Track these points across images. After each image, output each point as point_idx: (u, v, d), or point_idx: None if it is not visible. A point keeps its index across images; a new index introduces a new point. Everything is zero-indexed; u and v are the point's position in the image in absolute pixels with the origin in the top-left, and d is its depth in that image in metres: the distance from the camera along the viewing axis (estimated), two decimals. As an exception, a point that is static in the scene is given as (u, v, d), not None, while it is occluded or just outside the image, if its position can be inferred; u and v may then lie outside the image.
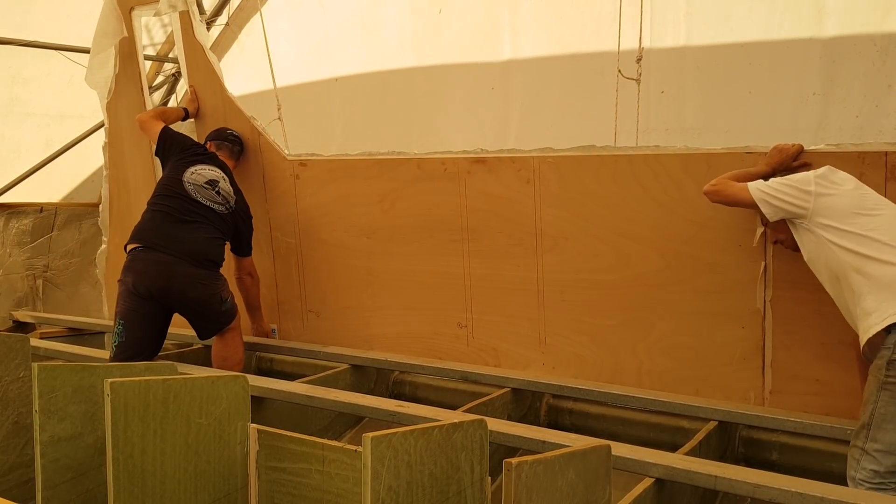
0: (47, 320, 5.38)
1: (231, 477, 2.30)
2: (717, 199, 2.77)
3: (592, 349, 3.41)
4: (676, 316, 3.18)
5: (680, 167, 3.07)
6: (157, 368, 2.69)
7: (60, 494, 2.28)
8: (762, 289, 2.98)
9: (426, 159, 3.70)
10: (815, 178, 2.55)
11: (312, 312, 4.25)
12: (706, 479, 2.35)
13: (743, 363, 3.08)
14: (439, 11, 5.34)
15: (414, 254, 3.82)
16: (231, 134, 4.26)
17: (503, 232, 3.55)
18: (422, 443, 1.83)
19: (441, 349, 3.83)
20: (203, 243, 3.74)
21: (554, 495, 1.76)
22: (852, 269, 2.43)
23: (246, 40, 6.51)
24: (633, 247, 3.24)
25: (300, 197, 4.16)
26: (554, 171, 3.36)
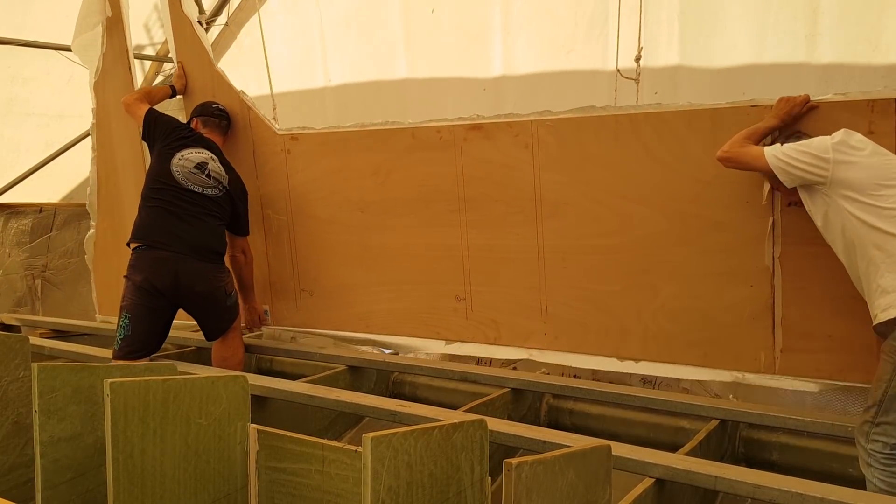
0: (33, 322, 5.34)
1: (231, 477, 2.30)
2: (731, 165, 2.70)
3: (596, 316, 3.33)
4: (682, 278, 3.12)
5: (683, 124, 3.00)
6: (157, 368, 2.69)
7: (60, 494, 2.28)
8: (770, 245, 2.92)
9: (421, 128, 3.60)
10: (832, 144, 2.48)
11: (306, 292, 4.16)
12: (706, 479, 2.35)
13: (752, 323, 3.01)
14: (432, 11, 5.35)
15: (410, 226, 3.74)
16: (216, 108, 4.16)
17: (501, 200, 3.46)
18: (422, 443, 1.83)
19: (439, 324, 3.77)
20: (203, 235, 3.72)
21: (554, 495, 1.76)
22: (872, 245, 2.38)
23: (245, 40, 6.52)
24: (635, 209, 3.17)
25: (292, 172, 4.06)
26: (552, 135, 3.27)
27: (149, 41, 6.73)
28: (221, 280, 3.75)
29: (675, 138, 3.02)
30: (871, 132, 2.62)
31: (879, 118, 2.65)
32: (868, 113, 2.66)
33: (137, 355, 3.57)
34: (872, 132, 2.62)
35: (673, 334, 3.17)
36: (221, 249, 3.83)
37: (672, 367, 3.21)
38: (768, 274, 2.93)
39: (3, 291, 5.94)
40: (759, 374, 3.05)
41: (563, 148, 3.26)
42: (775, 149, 2.56)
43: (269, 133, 4.08)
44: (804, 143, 2.52)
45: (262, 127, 4.10)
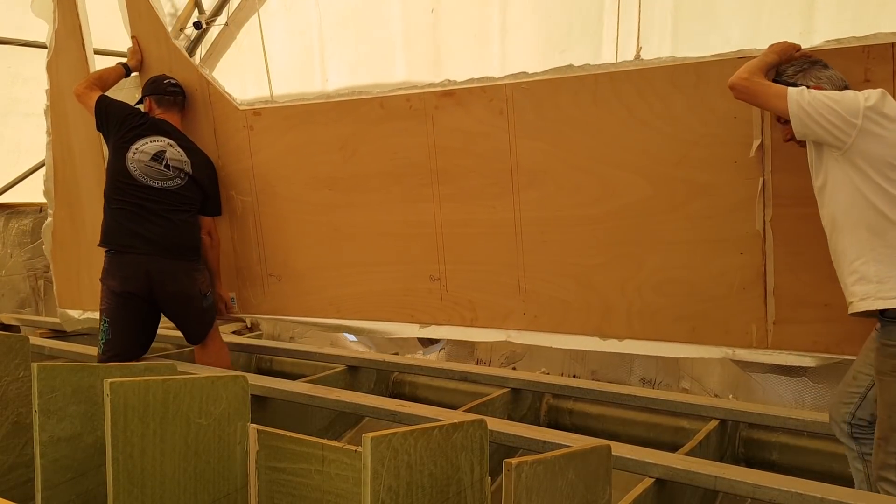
0: (33, 322, 5.33)
1: (231, 477, 2.30)
2: (744, 96, 2.39)
3: (577, 292, 3.14)
4: (668, 248, 2.93)
5: (667, 81, 2.80)
6: (157, 368, 2.69)
7: (60, 495, 2.28)
8: (761, 208, 2.73)
9: (389, 97, 3.37)
10: (864, 108, 2.17)
11: (273, 276, 3.93)
12: (706, 479, 2.35)
13: (743, 293, 2.82)
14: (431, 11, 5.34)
15: (380, 203, 3.52)
16: (169, 83, 3.86)
17: (476, 171, 3.26)
18: (422, 443, 1.83)
19: (414, 306, 3.57)
20: (171, 232, 3.56)
21: (554, 495, 1.76)
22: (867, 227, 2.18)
23: (244, 41, 6.52)
24: (618, 175, 2.97)
25: (255, 150, 3.81)
26: (529, 99, 3.06)
27: (149, 41, 6.72)
28: (195, 279, 3.63)
29: (657, 97, 2.83)
30: (867, 80, 2.47)
31: (876, 64, 2.46)
32: (864, 59, 2.47)
33: (120, 359, 3.45)
34: (869, 80, 2.46)
35: (659, 309, 2.98)
36: (194, 244, 3.67)
37: (658, 344, 3.02)
38: (759, 239, 2.75)
39: (6, 293, 5.93)
40: (751, 349, 2.87)
41: (539, 112, 3.06)
42: (801, 93, 2.24)
43: (231, 108, 3.83)
44: (834, 97, 2.22)
45: (223, 102, 3.84)
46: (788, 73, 2.38)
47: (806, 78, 2.34)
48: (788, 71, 2.39)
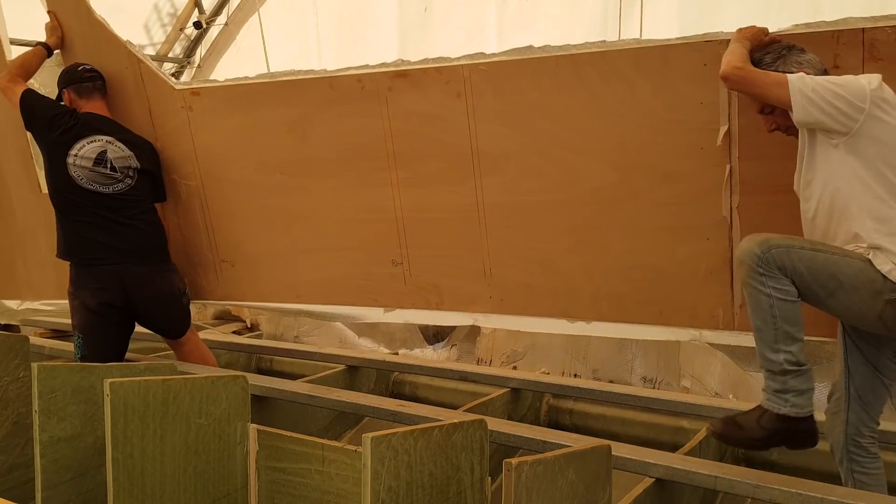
0: (33, 322, 5.32)
1: (231, 477, 2.30)
2: (737, 85, 2.27)
3: (543, 277, 3.08)
4: (633, 234, 2.88)
5: (631, 65, 2.71)
6: (157, 368, 2.69)
7: (60, 495, 2.28)
8: (728, 195, 2.69)
9: (339, 77, 3.21)
10: (870, 91, 2.07)
11: (226, 262, 3.76)
12: (706, 479, 2.35)
13: (709, 278, 2.79)
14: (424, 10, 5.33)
15: (336, 188, 3.38)
16: (84, 69, 3.58)
17: (435, 155, 3.14)
18: (422, 443, 1.83)
19: (377, 290, 3.46)
20: (136, 237, 3.43)
21: (554, 495, 1.76)
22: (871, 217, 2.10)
23: (243, 41, 6.53)
24: (582, 161, 2.89)
25: (197, 132, 3.58)
26: (487, 81, 2.95)
27: (149, 41, 6.73)
28: (170, 280, 3.53)
29: (621, 81, 2.74)
30: (836, 66, 2.38)
31: (846, 51, 2.37)
32: (833, 45, 2.38)
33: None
34: (838, 66, 2.38)
35: (625, 293, 2.95)
36: (159, 243, 3.55)
37: (625, 326, 3.00)
38: (725, 226, 2.71)
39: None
40: (718, 330, 2.86)
41: (499, 96, 2.95)
42: (802, 79, 2.12)
43: (166, 88, 3.59)
44: (838, 81, 2.12)
45: (157, 81, 3.61)
46: (766, 60, 2.28)
47: (786, 64, 2.24)
48: (766, 59, 2.28)
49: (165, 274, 3.52)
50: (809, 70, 2.21)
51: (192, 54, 7.08)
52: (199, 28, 6.72)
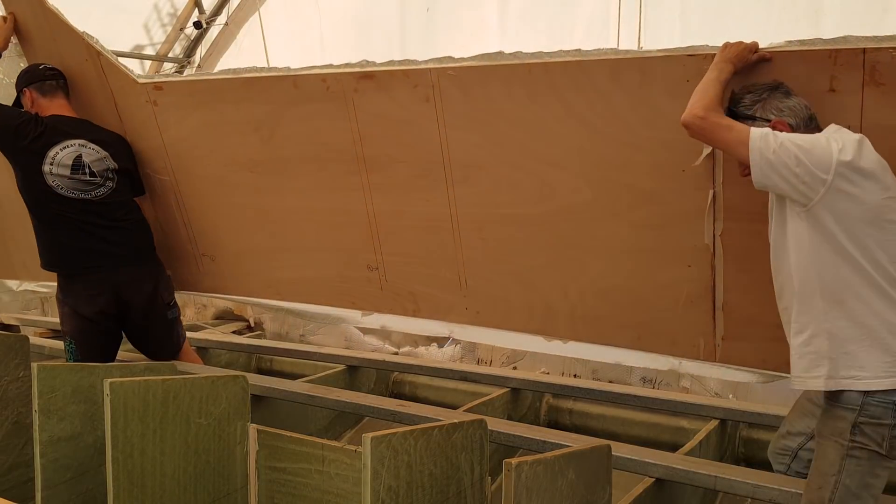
0: (33, 322, 5.32)
1: (231, 477, 2.30)
2: (698, 135, 2.03)
3: (519, 292, 2.98)
4: (611, 254, 2.76)
5: (607, 76, 2.53)
6: (157, 368, 2.69)
7: (60, 494, 2.28)
8: (710, 221, 2.53)
9: (303, 76, 3.10)
10: (838, 161, 1.84)
11: (207, 256, 3.71)
12: (706, 479, 2.35)
13: (690, 307, 2.65)
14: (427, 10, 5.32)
15: (307, 189, 3.27)
16: (45, 67, 3.42)
17: (405, 161, 3.02)
18: (422, 443, 1.83)
19: (353, 294, 3.39)
20: (125, 239, 3.34)
21: (554, 495, 1.76)
22: (824, 297, 1.90)
23: (243, 41, 6.52)
24: (556, 175, 2.76)
25: (164, 127, 3.47)
26: (456, 87, 2.81)
27: (149, 41, 6.73)
28: (158, 286, 3.44)
29: (597, 93, 2.57)
30: (832, 90, 2.18)
31: (844, 72, 2.14)
32: (830, 66, 2.15)
33: None
34: (834, 90, 2.17)
35: (603, 315, 2.83)
36: (149, 240, 3.47)
37: (603, 349, 2.92)
38: (708, 253, 2.57)
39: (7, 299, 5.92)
40: (699, 361, 2.76)
41: (469, 102, 2.81)
42: (765, 139, 1.89)
43: (129, 82, 3.46)
44: (804, 145, 1.88)
45: (119, 75, 3.48)
46: (745, 102, 2.06)
47: (765, 109, 2.02)
48: (745, 100, 2.06)
49: (157, 276, 3.45)
50: (790, 119, 2.00)
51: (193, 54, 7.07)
52: (199, 28, 6.70)
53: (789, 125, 1.98)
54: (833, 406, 1.92)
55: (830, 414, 1.93)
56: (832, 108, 2.12)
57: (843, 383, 1.87)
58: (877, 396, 1.84)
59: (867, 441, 1.86)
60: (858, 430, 1.87)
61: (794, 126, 1.99)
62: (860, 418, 1.86)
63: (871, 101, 2.12)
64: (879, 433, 1.85)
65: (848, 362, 1.87)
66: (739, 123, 1.96)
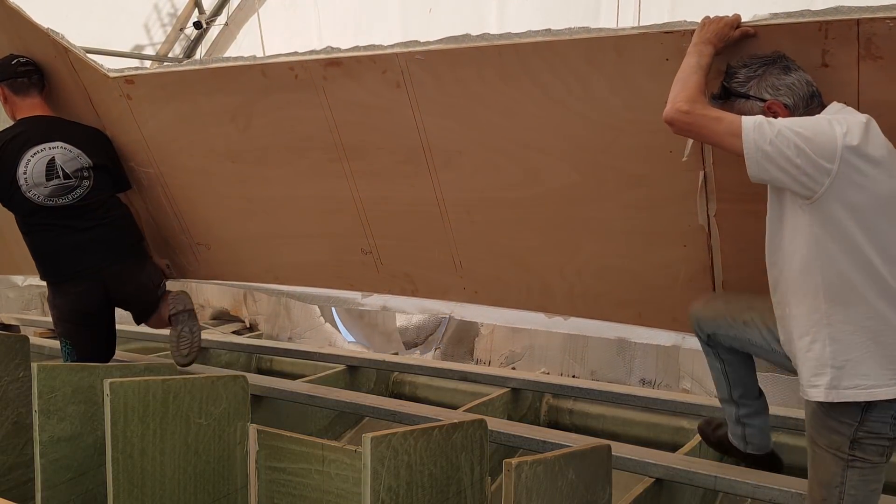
0: (33, 322, 5.32)
1: (231, 477, 2.30)
2: (687, 133, 1.87)
3: (515, 272, 2.93)
4: (604, 236, 2.69)
5: (582, 58, 2.41)
6: (157, 368, 2.69)
7: (60, 494, 2.28)
8: (703, 202, 2.45)
9: (271, 65, 3.03)
10: (843, 147, 1.66)
11: (202, 245, 3.69)
12: (706, 479, 2.35)
13: (689, 284, 2.59)
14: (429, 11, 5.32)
15: (291, 177, 3.23)
16: (19, 63, 3.27)
17: (385, 148, 2.96)
18: (422, 443, 1.83)
19: (351, 277, 3.37)
20: (109, 236, 3.27)
21: (554, 495, 1.76)
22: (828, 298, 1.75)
23: (243, 40, 6.52)
24: (540, 159, 2.68)
25: (141, 120, 3.41)
26: (427, 72, 2.72)
27: (149, 41, 6.73)
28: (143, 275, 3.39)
29: (573, 75, 2.45)
30: (825, 65, 2.02)
31: (836, 46, 1.98)
32: (820, 39, 1.98)
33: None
34: (827, 65, 2.01)
35: (601, 293, 2.78)
36: (135, 233, 3.42)
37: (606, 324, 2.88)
38: (703, 234, 2.49)
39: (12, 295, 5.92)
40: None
41: (441, 88, 2.73)
42: (760, 128, 1.70)
43: (100, 76, 3.37)
44: (804, 132, 1.69)
45: (90, 69, 3.38)
46: (739, 77, 1.88)
47: (760, 87, 1.85)
48: (739, 75, 1.88)
49: (144, 268, 3.41)
50: (787, 98, 1.82)
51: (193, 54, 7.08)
52: (199, 28, 6.71)
53: (785, 105, 1.82)
54: (829, 417, 1.79)
55: (825, 424, 1.80)
56: (827, 85, 1.98)
57: (845, 394, 1.74)
58: (876, 411, 1.73)
59: (867, 454, 1.77)
60: (857, 445, 1.76)
61: (792, 107, 1.82)
62: (859, 433, 1.75)
63: (868, 76, 1.97)
64: (879, 446, 1.77)
65: (851, 370, 1.73)
66: (729, 113, 1.79)
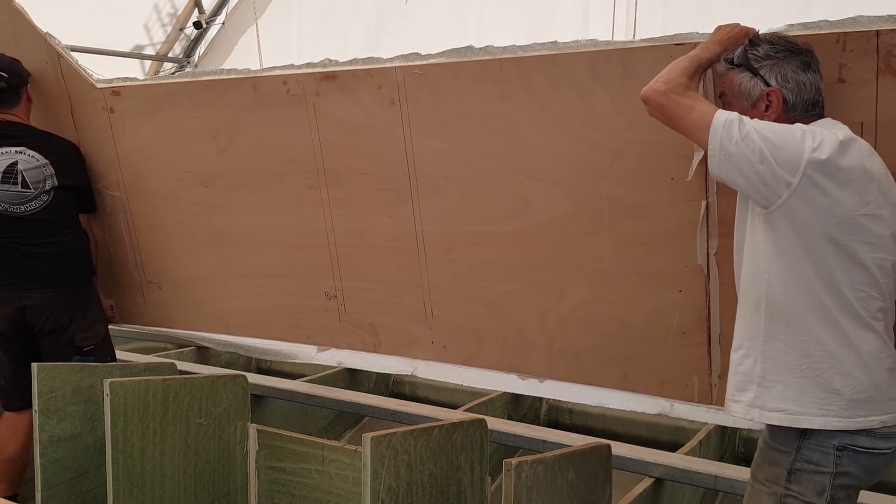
0: None
1: (231, 477, 2.30)
2: (659, 115, 1.75)
3: (491, 322, 2.67)
4: (593, 277, 2.45)
5: (587, 71, 2.26)
6: (157, 368, 2.69)
7: (60, 494, 2.28)
8: (704, 238, 2.24)
9: (263, 78, 2.86)
10: (809, 160, 1.54)
11: (153, 284, 3.39)
12: (706, 479, 2.35)
13: (682, 338, 2.35)
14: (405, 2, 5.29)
15: (263, 206, 3.00)
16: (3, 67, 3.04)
17: (369, 172, 2.76)
18: (422, 443, 1.83)
19: (309, 326, 3.09)
20: (46, 261, 2.95)
21: (554, 495, 1.76)
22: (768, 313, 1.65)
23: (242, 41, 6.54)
24: (531, 186, 2.47)
25: (119, 137, 3.21)
26: (424, 88, 2.55)
27: (149, 41, 6.74)
28: (73, 323, 2.95)
29: (576, 91, 2.31)
30: (841, 80, 1.90)
31: (854, 59, 1.86)
32: (838, 52, 1.87)
33: (17, 406, 2.85)
34: (844, 80, 1.90)
35: (584, 348, 2.52)
36: (71, 269, 3.03)
37: (585, 388, 2.60)
38: (701, 276, 2.26)
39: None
40: (693, 403, 2.42)
41: (437, 105, 2.55)
42: (729, 127, 1.60)
43: (87, 86, 3.22)
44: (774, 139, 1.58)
45: (78, 79, 3.24)
46: (759, 52, 1.75)
47: (772, 71, 1.72)
48: (760, 49, 1.75)
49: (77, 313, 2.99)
50: (790, 94, 1.71)
51: (192, 54, 7.08)
52: (198, 28, 6.72)
53: (785, 100, 1.70)
54: (769, 447, 1.69)
55: (766, 456, 1.70)
56: (842, 102, 1.86)
57: (768, 416, 1.63)
58: (813, 439, 1.60)
59: (803, 491, 1.61)
60: (794, 478, 1.62)
61: (791, 105, 1.71)
62: (796, 463, 1.62)
63: (887, 93, 1.85)
64: (818, 483, 1.60)
65: (780, 393, 1.62)
66: (705, 103, 1.69)
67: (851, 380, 1.58)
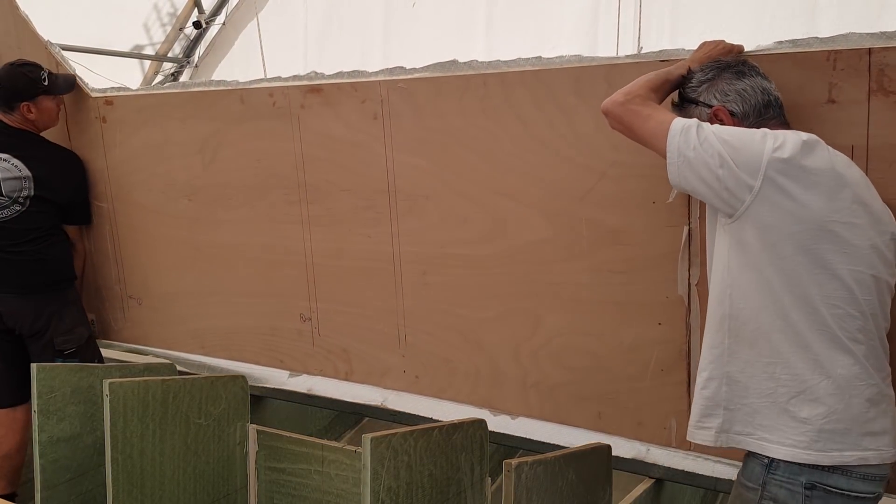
0: None
1: (230, 477, 2.30)
2: (619, 127, 1.70)
3: (464, 351, 2.58)
4: (570, 306, 2.34)
5: (570, 88, 2.19)
6: (157, 368, 2.69)
7: (59, 495, 2.28)
8: (685, 266, 2.13)
9: (250, 90, 2.83)
10: (770, 160, 1.47)
11: (134, 299, 3.35)
12: (706, 479, 2.35)
13: (661, 377, 2.23)
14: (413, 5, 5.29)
15: (244, 221, 2.95)
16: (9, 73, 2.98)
17: (349, 189, 2.70)
18: (422, 443, 1.83)
19: (282, 349, 3.05)
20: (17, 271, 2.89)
21: (554, 496, 1.76)
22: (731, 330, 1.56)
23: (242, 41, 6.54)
24: (509, 208, 2.38)
25: (109, 146, 3.18)
26: (407, 102, 2.49)
27: (148, 41, 6.74)
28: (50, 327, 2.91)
29: (558, 108, 2.23)
30: (831, 101, 1.82)
31: (845, 78, 1.77)
32: (828, 71, 1.78)
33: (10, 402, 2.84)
34: (835, 101, 1.81)
35: (559, 384, 2.41)
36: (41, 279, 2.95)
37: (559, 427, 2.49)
38: (682, 308, 2.15)
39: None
40: (670, 448, 2.31)
41: (419, 120, 2.49)
42: (687, 133, 1.53)
43: (82, 95, 3.21)
44: (734, 142, 1.51)
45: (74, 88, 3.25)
46: (693, 81, 1.73)
47: (709, 92, 1.68)
48: (693, 79, 1.73)
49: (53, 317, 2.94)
50: (735, 105, 1.65)
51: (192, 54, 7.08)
52: (198, 28, 6.72)
53: (732, 113, 1.64)
54: (739, 484, 1.59)
55: (736, 493, 1.59)
56: (832, 124, 1.78)
57: (736, 439, 1.54)
58: (779, 473, 1.49)
59: None
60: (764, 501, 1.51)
61: (741, 115, 1.64)
62: (762, 502, 1.50)
63: (879, 115, 1.76)
64: None
65: (746, 417, 1.52)
66: (664, 112, 1.63)
67: (822, 407, 1.45)
